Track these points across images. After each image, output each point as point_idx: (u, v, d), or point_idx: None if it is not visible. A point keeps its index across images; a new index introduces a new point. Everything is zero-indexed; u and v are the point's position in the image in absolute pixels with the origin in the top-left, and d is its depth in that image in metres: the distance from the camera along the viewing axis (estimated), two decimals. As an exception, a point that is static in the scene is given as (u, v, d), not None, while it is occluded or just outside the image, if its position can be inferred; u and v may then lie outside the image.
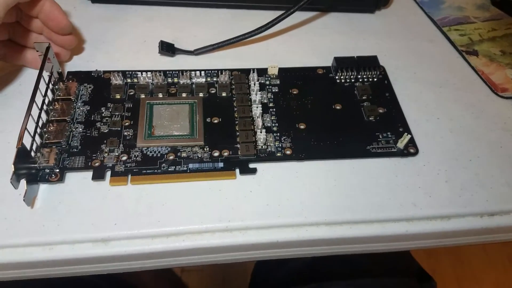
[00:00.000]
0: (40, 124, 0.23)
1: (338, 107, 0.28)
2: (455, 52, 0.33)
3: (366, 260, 0.36)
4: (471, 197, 0.24)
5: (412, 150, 0.26)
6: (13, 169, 0.19)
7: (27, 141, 0.22)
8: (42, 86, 0.24)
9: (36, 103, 0.22)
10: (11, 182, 0.19)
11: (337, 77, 0.30)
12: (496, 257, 0.79)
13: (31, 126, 0.22)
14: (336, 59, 0.30)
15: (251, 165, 0.24)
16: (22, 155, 0.21)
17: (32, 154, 0.22)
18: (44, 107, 0.24)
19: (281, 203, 0.23)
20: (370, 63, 0.30)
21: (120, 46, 0.31)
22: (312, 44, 0.32)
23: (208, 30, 0.33)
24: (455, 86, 0.30)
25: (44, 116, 0.24)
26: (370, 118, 0.27)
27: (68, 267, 0.22)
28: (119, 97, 0.27)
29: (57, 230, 0.21)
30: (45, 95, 0.24)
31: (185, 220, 0.22)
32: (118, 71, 0.28)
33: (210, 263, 0.23)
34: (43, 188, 0.22)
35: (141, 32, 0.32)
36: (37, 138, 0.23)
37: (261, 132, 0.25)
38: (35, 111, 0.22)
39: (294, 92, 0.28)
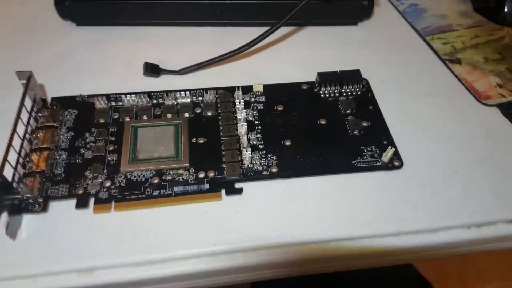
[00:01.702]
0: (22, 153, 0.23)
1: (323, 122, 0.28)
2: (438, 61, 0.33)
3: (364, 270, 0.36)
4: (458, 209, 0.24)
5: (396, 163, 0.26)
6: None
7: (9, 172, 0.21)
8: (25, 115, 0.24)
9: (17, 133, 0.22)
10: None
11: (321, 92, 0.30)
12: (501, 262, 0.78)
13: (13, 156, 0.22)
14: (320, 74, 0.30)
15: (237, 185, 0.24)
16: (4, 187, 0.21)
17: (14, 185, 0.22)
18: (27, 136, 0.24)
19: (268, 223, 0.23)
20: (353, 77, 0.30)
21: (105, 69, 0.31)
22: (297, 59, 0.33)
23: (193, 49, 0.33)
24: (439, 96, 0.30)
25: (27, 145, 0.24)
26: (355, 132, 0.27)
27: None
28: (103, 121, 0.27)
29: (41, 262, 0.21)
30: (28, 123, 0.24)
31: (171, 246, 0.22)
32: (102, 95, 0.28)
33: (198, 287, 0.23)
34: (26, 218, 0.22)
35: (126, 54, 0.32)
36: (19, 168, 0.23)
37: (246, 151, 0.25)
38: (17, 141, 0.22)
39: (279, 109, 0.28)
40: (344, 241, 0.23)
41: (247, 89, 0.29)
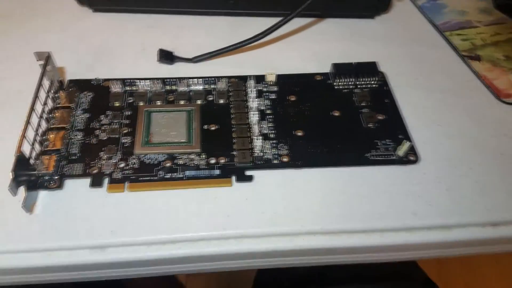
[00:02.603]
0: (39, 132, 0.24)
1: (336, 114, 0.28)
2: (457, 57, 0.33)
3: (370, 266, 0.36)
4: (472, 206, 0.24)
5: (412, 158, 0.25)
6: (11, 176, 0.20)
7: (26, 149, 0.22)
8: (43, 94, 0.25)
9: (35, 111, 0.23)
10: (9, 189, 0.19)
11: (335, 84, 0.29)
12: (507, 266, 0.77)
13: (30, 134, 0.22)
14: (335, 65, 0.30)
15: (248, 173, 0.24)
16: (21, 163, 0.21)
17: (31, 161, 0.22)
18: (44, 115, 0.24)
19: (277, 211, 0.23)
20: (369, 69, 0.29)
21: (120, 54, 0.31)
22: (311, 50, 0.32)
23: (207, 37, 0.33)
24: (457, 92, 0.30)
25: (44, 124, 0.24)
26: (369, 125, 0.27)
27: (66, 273, 0.22)
28: (118, 104, 0.27)
29: (56, 237, 0.21)
30: (45, 103, 0.25)
31: (181, 228, 0.22)
32: (117, 79, 0.28)
33: (206, 271, 0.23)
34: (42, 195, 0.23)
35: (141, 40, 0.32)
36: (36, 145, 0.23)
37: (257, 139, 0.25)
38: (34, 119, 0.23)
39: (292, 99, 0.28)
40: (355, 233, 0.23)
41: (259, 79, 0.29)
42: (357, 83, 0.29)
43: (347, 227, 0.23)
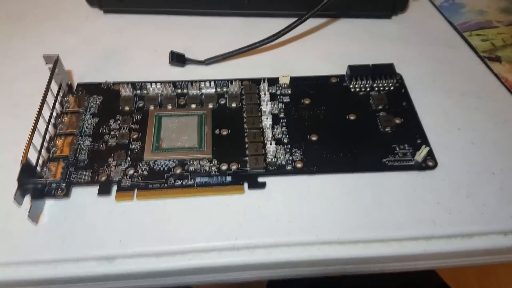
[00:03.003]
0: (47, 137, 0.23)
1: (352, 118, 0.27)
2: (476, 58, 0.31)
3: (385, 274, 0.35)
4: (494, 214, 0.23)
5: (430, 163, 0.24)
6: (17, 185, 0.19)
7: (33, 156, 0.21)
8: (51, 98, 0.24)
9: (43, 116, 0.22)
10: (14, 199, 0.19)
11: (351, 86, 0.28)
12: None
13: (38, 140, 0.22)
14: (351, 67, 0.29)
15: (260, 179, 0.23)
16: (27, 170, 0.20)
17: (38, 168, 0.22)
18: (52, 120, 0.24)
19: (291, 219, 0.22)
20: (386, 71, 0.28)
21: (131, 57, 0.31)
22: (326, 51, 0.31)
23: (219, 39, 0.32)
24: (477, 94, 0.29)
25: (51, 129, 0.24)
26: (386, 129, 0.26)
27: (73, 285, 0.21)
28: (128, 109, 0.26)
29: (62, 248, 0.21)
30: (53, 108, 0.24)
31: (191, 238, 0.21)
32: (127, 83, 0.28)
33: (218, 282, 0.22)
34: (49, 203, 0.22)
35: (152, 42, 0.32)
36: (44, 152, 0.23)
37: (270, 144, 0.24)
38: (42, 125, 0.22)
39: (306, 102, 0.27)
40: (372, 243, 0.22)
41: (273, 81, 0.29)
42: (374, 85, 0.28)
43: (364, 236, 0.22)
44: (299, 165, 0.24)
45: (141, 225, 0.22)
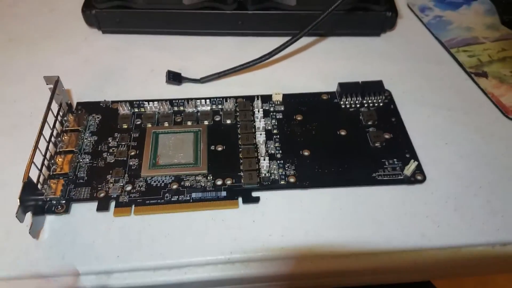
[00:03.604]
0: (47, 156, 0.24)
1: (343, 133, 0.28)
2: (463, 74, 0.32)
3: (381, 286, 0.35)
4: (482, 226, 0.23)
5: (419, 177, 0.25)
6: (18, 203, 0.20)
7: (34, 174, 0.22)
8: (51, 118, 0.25)
9: (43, 136, 0.23)
10: (16, 216, 0.20)
11: (342, 103, 0.29)
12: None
13: (39, 158, 0.23)
14: (341, 84, 0.30)
15: (254, 194, 0.24)
16: (29, 188, 0.21)
17: (39, 186, 0.23)
18: (52, 139, 0.25)
19: (285, 233, 0.23)
20: (375, 88, 0.29)
21: (129, 76, 0.32)
22: (317, 69, 0.33)
23: (214, 58, 0.33)
24: (464, 110, 0.30)
25: (52, 148, 0.25)
26: (376, 144, 0.27)
27: None
28: (126, 126, 0.27)
29: (62, 263, 0.21)
30: (54, 127, 0.25)
31: (187, 252, 0.22)
32: (125, 101, 0.29)
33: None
34: (49, 219, 0.23)
35: (149, 61, 0.33)
36: (44, 170, 0.23)
37: (264, 160, 0.25)
38: (43, 144, 0.23)
39: (298, 118, 0.28)
40: (363, 255, 0.22)
41: (266, 98, 0.30)
42: (363, 102, 0.29)
43: (355, 248, 0.23)
44: (292, 179, 0.25)
45: (139, 240, 0.22)
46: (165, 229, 0.23)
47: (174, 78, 0.31)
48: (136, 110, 0.28)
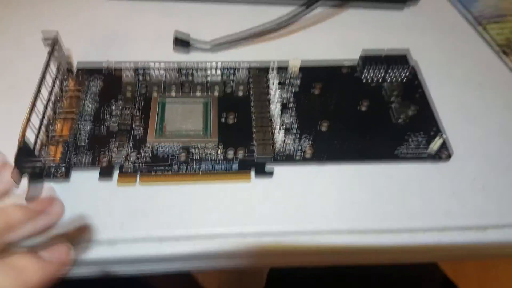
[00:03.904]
0: (45, 119, 0.22)
1: (364, 108, 0.26)
2: (490, 50, 0.30)
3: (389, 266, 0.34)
4: (510, 207, 0.22)
5: (445, 155, 0.24)
6: (13, 165, 0.18)
7: (31, 138, 0.20)
8: (50, 80, 0.23)
9: (41, 97, 0.21)
10: (11, 177, 0.18)
11: (363, 76, 0.28)
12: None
13: (36, 121, 0.21)
14: (362, 56, 0.28)
15: (268, 167, 0.22)
16: (25, 151, 0.19)
17: (36, 151, 0.21)
18: (51, 103, 0.23)
19: (300, 208, 0.21)
20: (399, 61, 0.27)
21: (134, 42, 0.30)
22: (337, 41, 0.30)
23: (226, 26, 0.31)
24: (491, 86, 0.28)
25: (50, 112, 0.23)
26: (399, 120, 0.25)
27: (71, 268, 0.20)
28: (130, 94, 0.25)
29: (61, 230, 0.20)
30: (52, 88, 0.23)
31: (196, 223, 0.20)
32: (129, 67, 0.27)
33: (222, 268, 0.22)
34: (47, 187, 0.21)
35: (156, 29, 0.31)
36: (42, 134, 0.22)
37: (279, 133, 0.23)
38: (40, 106, 0.21)
39: (316, 92, 0.27)
40: (383, 233, 0.21)
41: (282, 69, 0.28)
42: (386, 75, 0.27)
43: (375, 226, 0.21)
44: (308, 154, 0.23)
45: (144, 210, 0.21)
46: (173, 200, 0.21)
47: (182, 44, 0.29)
48: (141, 77, 0.27)
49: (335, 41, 0.30)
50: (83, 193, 0.21)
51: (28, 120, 0.20)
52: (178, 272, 0.22)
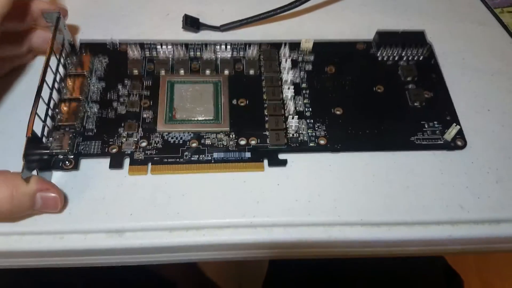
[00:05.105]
0: (51, 105, 0.21)
1: (379, 90, 0.25)
2: (508, 37, 0.29)
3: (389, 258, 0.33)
4: (523, 200, 0.22)
5: (459, 143, 0.23)
6: (23, 162, 0.17)
7: (37, 126, 0.19)
8: (54, 62, 0.22)
9: (46, 82, 0.20)
10: (22, 176, 0.17)
11: (378, 54, 0.26)
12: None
13: (41, 108, 0.20)
14: (379, 33, 0.26)
15: (281, 156, 0.22)
16: (33, 143, 0.19)
17: (44, 140, 0.20)
18: (56, 85, 0.22)
19: (312, 199, 0.21)
20: (416, 39, 0.26)
21: (140, 20, 0.28)
22: (351, 20, 0.29)
23: (236, 4, 0.29)
24: (508, 75, 0.27)
25: (55, 95, 0.22)
26: (416, 104, 0.24)
27: (80, 258, 0.21)
28: (137, 72, 0.24)
29: (69, 219, 0.20)
30: (57, 70, 0.22)
31: (206, 213, 0.20)
32: (135, 43, 0.25)
33: (231, 259, 0.22)
34: (56, 175, 0.21)
35: (164, 5, 0.29)
36: (48, 120, 0.21)
37: (292, 118, 0.23)
38: (45, 91, 0.20)
39: (330, 71, 0.25)
40: (396, 226, 0.21)
41: (294, 46, 0.26)
42: (403, 54, 0.26)
43: (388, 218, 0.21)
44: (322, 142, 0.23)
45: (154, 199, 0.20)
46: (183, 189, 0.21)
47: (192, 23, 0.27)
48: (147, 53, 0.25)
49: (348, 22, 0.29)
50: (92, 182, 0.21)
51: (35, 110, 0.19)
52: (187, 262, 0.22)
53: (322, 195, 0.21)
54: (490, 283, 0.65)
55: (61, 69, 0.23)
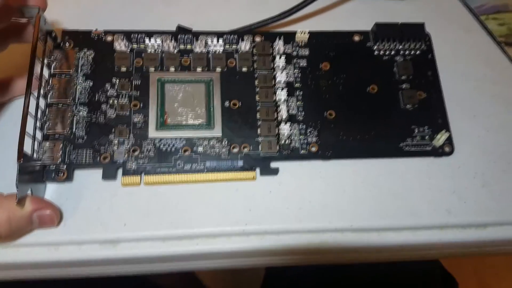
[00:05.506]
0: (39, 114, 0.20)
1: (373, 91, 0.24)
2: (492, 43, 0.28)
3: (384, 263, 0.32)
4: (510, 204, 0.23)
5: (447, 149, 0.24)
6: (17, 189, 0.17)
7: (27, 142, 0.19)
8: (38, 64, 0.21)
9: (32, 94, 0.19)
10: (17, 201, 0.17)
11: (375, 48, 0.25)
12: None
13: (29, 120, 0.19)
14: (377, 25, 0.25)
15: (273, 164, 0.22)
16: (24, 163, 0.18)
17: (35, 155, 0.20)
18: (42, 91, 0.21)
19: (303, 206, 0.22)
20: (415, 32, 0.25)
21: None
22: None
23: (230, 9, 0.27)
24: (492, 80, 0.26)
25: (42, 102, 0.21)
26: (408, 106, 0.24)
27: (74, 269, 0.21)
28: (125, 69, 0.23)
29: (64, 230, 0.20)
30: (41, 75, 0.21)
31: (199, 222, 0.21)
32: (121, 33, 0.24)
33: (225, 268, 0.23)
34: (51, 187, 0.21)
35: (157, 17, 0.26)
36: (37, 131, 0.20)
37: (285, 124, 0.23)
38: (32, 101, 0.19)
39: (325, 68, 0.25)
40: (385, 231, 0.22)
41: (289, 38, 0.25)
42: (400, 48, 0.25)
43: (377, 224, 0.22)
44: (313, 149, 0.23)
45: (147, 209, 0.21)
46: (176, 198, 0.21)
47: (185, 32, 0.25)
48: (135, 46, 0.24)
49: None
50: (85, 192, 0.21)
51: (24, 132, 0.18)
52: (181, 271, 0.23)
53: (313, 201, 0.22)
54: (488, 284, 0.66)
55: (45, 71, 0.22)
